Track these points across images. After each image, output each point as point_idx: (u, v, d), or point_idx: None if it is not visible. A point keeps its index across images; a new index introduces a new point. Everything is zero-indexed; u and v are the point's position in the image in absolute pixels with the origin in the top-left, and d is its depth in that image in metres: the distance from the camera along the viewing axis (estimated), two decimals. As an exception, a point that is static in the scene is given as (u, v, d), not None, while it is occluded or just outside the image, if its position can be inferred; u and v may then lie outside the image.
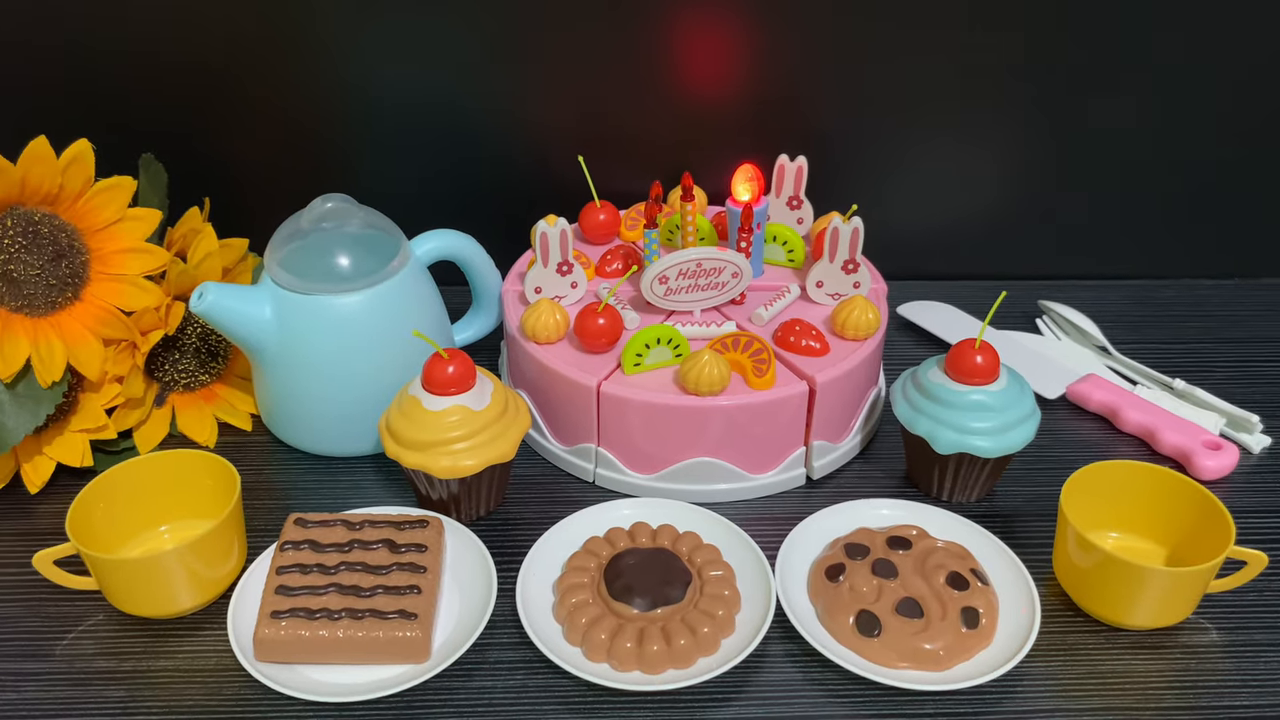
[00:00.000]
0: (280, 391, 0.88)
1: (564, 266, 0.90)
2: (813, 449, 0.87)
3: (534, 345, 0.88)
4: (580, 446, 0.87)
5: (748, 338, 0.86)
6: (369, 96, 1.02)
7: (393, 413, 0.81)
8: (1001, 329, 1.05)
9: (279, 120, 1.03)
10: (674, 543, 0.79)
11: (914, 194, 1.09)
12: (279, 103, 1.02)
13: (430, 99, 1.02)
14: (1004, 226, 1.11)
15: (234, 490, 0.77)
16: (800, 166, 0.97)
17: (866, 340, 0.88)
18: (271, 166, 1.05)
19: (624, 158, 1.05)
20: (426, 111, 1.03)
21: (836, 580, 0.76)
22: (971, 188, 1.09)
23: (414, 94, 1.02)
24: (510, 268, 0.97)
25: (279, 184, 1.05)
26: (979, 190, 1.09)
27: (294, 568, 0.74)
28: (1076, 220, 1.11)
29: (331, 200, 0.87)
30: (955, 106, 1.04)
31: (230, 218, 0.95)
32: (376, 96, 1.02)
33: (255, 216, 0.93)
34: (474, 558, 0.78)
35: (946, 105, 1.04)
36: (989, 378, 0.82)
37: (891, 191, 1.09)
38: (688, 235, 0.92)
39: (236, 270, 0.95)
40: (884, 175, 1.08)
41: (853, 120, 1.05)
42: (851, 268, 0.90)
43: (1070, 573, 0.76)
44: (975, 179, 1.09)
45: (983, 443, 0.81)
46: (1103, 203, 1.10)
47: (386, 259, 0.87)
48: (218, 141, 1.04)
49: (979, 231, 1.11)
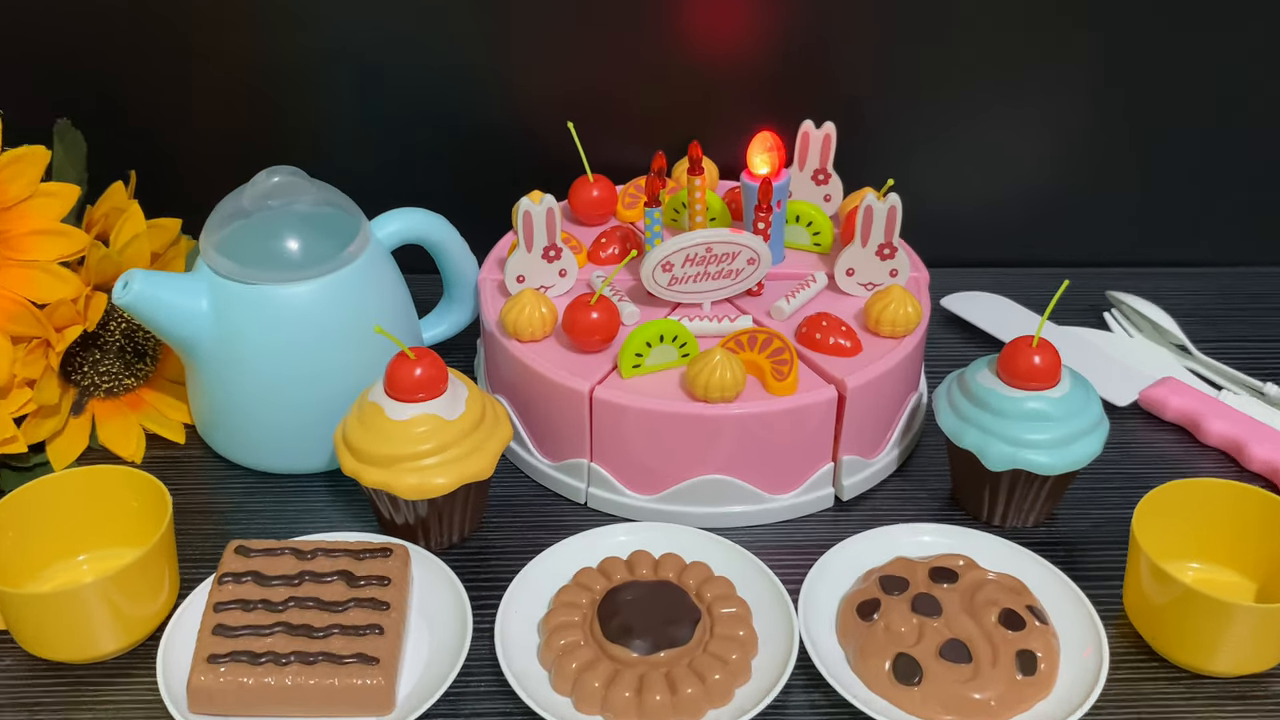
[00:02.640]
0: (219, 397, 0.88)
1: (551, 251, 0.90)
2: (842, 465, 0.87)
3: (516, 344, 0.88)
4: (570, 462, 0.87)
5: (766, 335, 0.86)
6: (324, 51, 1.02)
7: (350, 423, 0.81)
8: (1063, 324, 1.04)
9: (219, 80, 1.03)
10: (680, 575, 0.79)
11: (961, 166, 1.09)
12: (219, 59, 1.02)
13: (395, 55, 1.02)
14: (1066, 204, 1.11)
15: (164, 513, 0.77)
16: (827, 135, 0.97)
17: (905, 338, 0.88)
18: (209, 134, 1.05)
19: (621, 124, 1.05)
20: (391, 70, 1.03)
21: (870, 619, 0.76)
22: (1028, 159, 1.09)
23: (376, 49, 1.02)
24: (488, 253, 0.97)
25: (218, 155, 1.05)
26: (1037, 162, 1.09)
27: (235, 604, 0.74)
28: (1151, 198, 1.11)
29: (279, 174, 0.87)
30: (1010, 64, 1.04)
31: (161, 194, 0.95)
32: (333, 51, 1.02)
33: (190, 193, 0.92)
34: (446, 592, 0.78)
35: (1000, 63, 1.04)
36: (1048, 381, 0.82)
37: (934, 163, 1.08)
38: (696, 215, 0.92)
39: (168, 256, 0.95)
40: (925, 144, 1.08)
41: (888, 80, 1.05)
42: (888, 253, 0.90)
43: (1144, 610, 0.76)
44: (1032, 149, 1.09)
45: (1041, 458, 0.81)
46: (1181, 178, 1.10)
47: (343, 242, 0.87)
48: (146, 105, 1.03)
49: (1036, 210, 1.11)
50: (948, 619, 0.75)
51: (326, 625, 0.73)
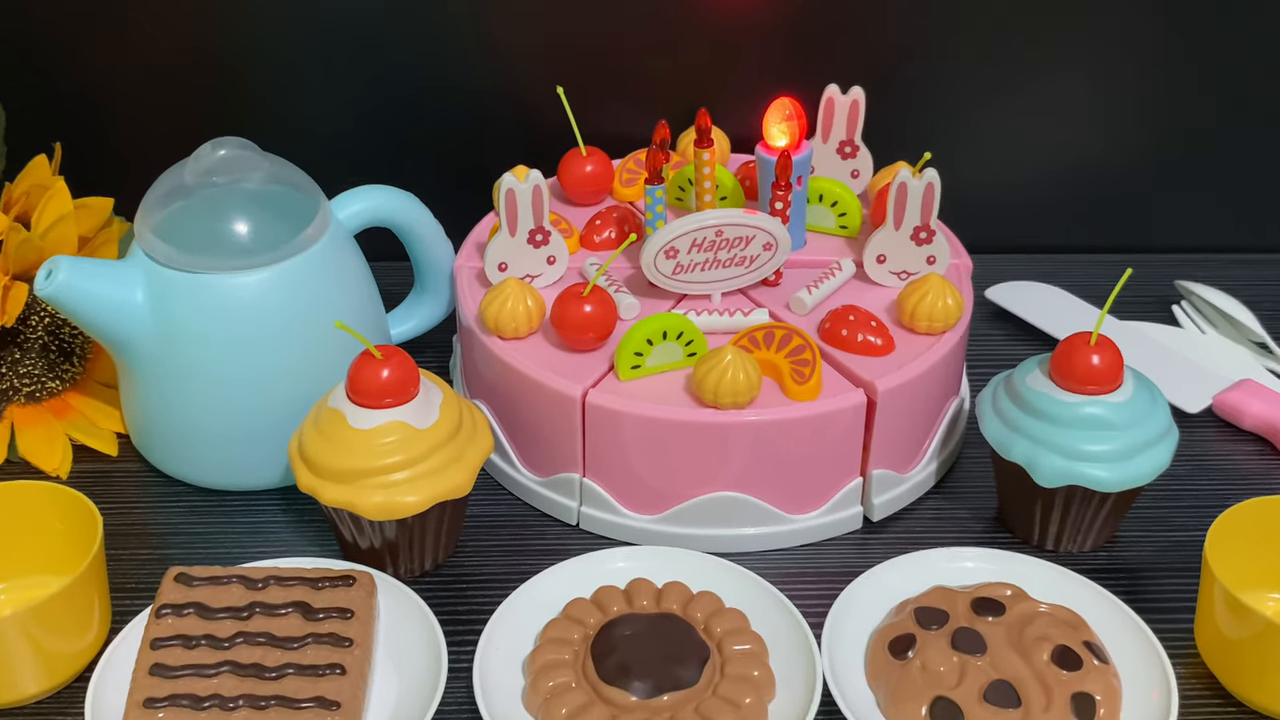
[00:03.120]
0: (156, 403, 0.88)
1: (538, 235, 0.90)
2: (872, 481, 0.87)
3: (498, 341, 0.88)
4: (560, 477, 0.88)
5: (785, 331, 0.86)
6: (277, 5, 1.02)
7: (307, 432, 0.81)
8: (1125, 319, 1.04)
9: (156, 39, 1.03)
10: (685, 606, 0.79)
11: (1010, 137, 1.09)
12: (157, 15, 1.02)
13: (359, 8, 1.02)
14: (1129, 182, 1.11)
15: (94, 536, 0.77)
16: (855, 101, 0.97)
17: (944, 334, 0.88)
18: (145, 101, 1.05)
19: (619, 89, 1.05)
20: (354, 27, 1.03)
21: (904, 656, 0.75)
22: (1085, 131, 1.09)
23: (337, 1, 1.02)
24: (465, 237, 0.97)
25: (155, 125, 1.05)
26: (1095, 134, 1.09)
27: (175, 640, 0.74)
28: (1228, 175, 1.11)
29: (225, 146, 0.86)
30: (1070, 16, 1.04)
31: (90, 170, 0.95)
32: (287, 5, 1.02)
33: (124, 168, 0.92)
34: (417, 626, 0.78)
35: (1056, 15, 1.04)
36: (1109, 384, 0.82)
37: (979, 134, 1.08)
38: (704, 193, 0.92)
39: (98, 240, 0.94)
40: (969, 112, 1.08)
41: (926, 38, 1.05)
42: (924, 237, 0.90)
43: (1218, 646, 0.76)
44: (1091, 119, 1.08)
45: (1101, 472, 0.81)
46: (1263, 152, 1.10)
47: (299, 225, 0.87)
48: (74, 68, 1.03)
49: (1096, 188, 1.11)
50: (993, 657, 0.75)
51: (280, 665, 0.73)
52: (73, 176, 0.92)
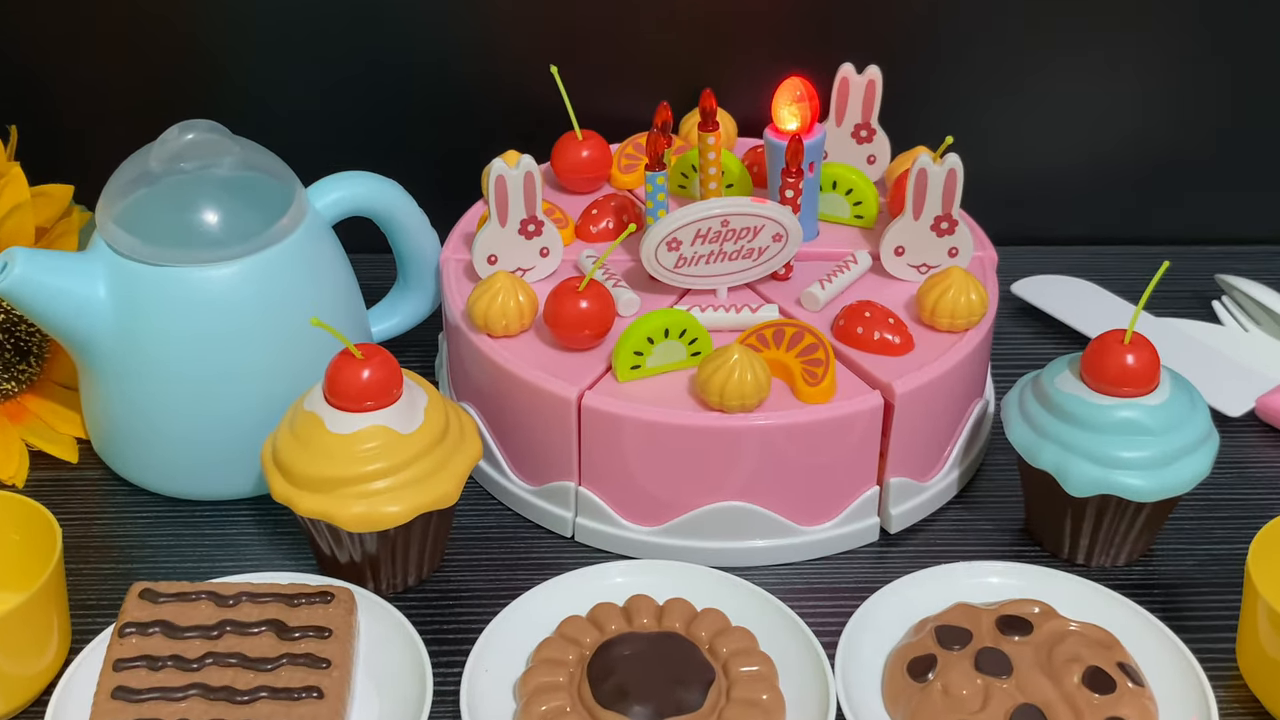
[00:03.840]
0: (119, 406, 0.88)
1: (530, 226, 0.90)
2: (889, 490, 0.87)
3: (487, 340, 0.88)
4: (554, 486, 0.88)
5: (796, 329, 0.86)
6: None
7: (282, 437, 0.81)
8: (1162, 315, 1.04)
9: (118, 10, 1.02)
10: (689, 625, 0.79)
11: (1037, 121, 1.09)
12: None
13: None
14: (1167, 167, 1.11)
15: (53, 549, 0.77)
16: (871, 81, 0.97)
17: (967, 332, 0.89)
18: (108, 82, 1.04)
19: (617, 68, 1.05)
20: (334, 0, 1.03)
21: (924, 679, 0.76)
22: (1121, 112, 1.09)
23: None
24: (452, 227, 0.97)
25: (119, 106, 1.05)
26: (1127, 116, 1.09)
27: (139, 661, 0.74)
28: (1271, 162, 1.11)
29: (194, 129, 0.87)
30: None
31: (48, 155, 0.95)
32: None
33: (85, 153, 0.93)
34: (400, 647, 0.78)
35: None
36: (1145, 386, 0.82)
37: (1004, 117, 1.08)
38: (709, 180, 0.92)
39: (56, 231, 0.94)
40: (993, 94, 1.08)
41: (949, 13, 1.05)
42: (946, 227, 0.91)
43: (1262, 668, 0.76)
44: (1122, 100, 1.08)
45: (1136, 480, 0.81)
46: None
47: (273, 214, 0.87)
48: (28, 44, 1.03)
49: (1130, 175, 1.11)
50: (1020, 680, 0.75)
51: (253, 688, 0.73)
52: (29, 162, 0.92)
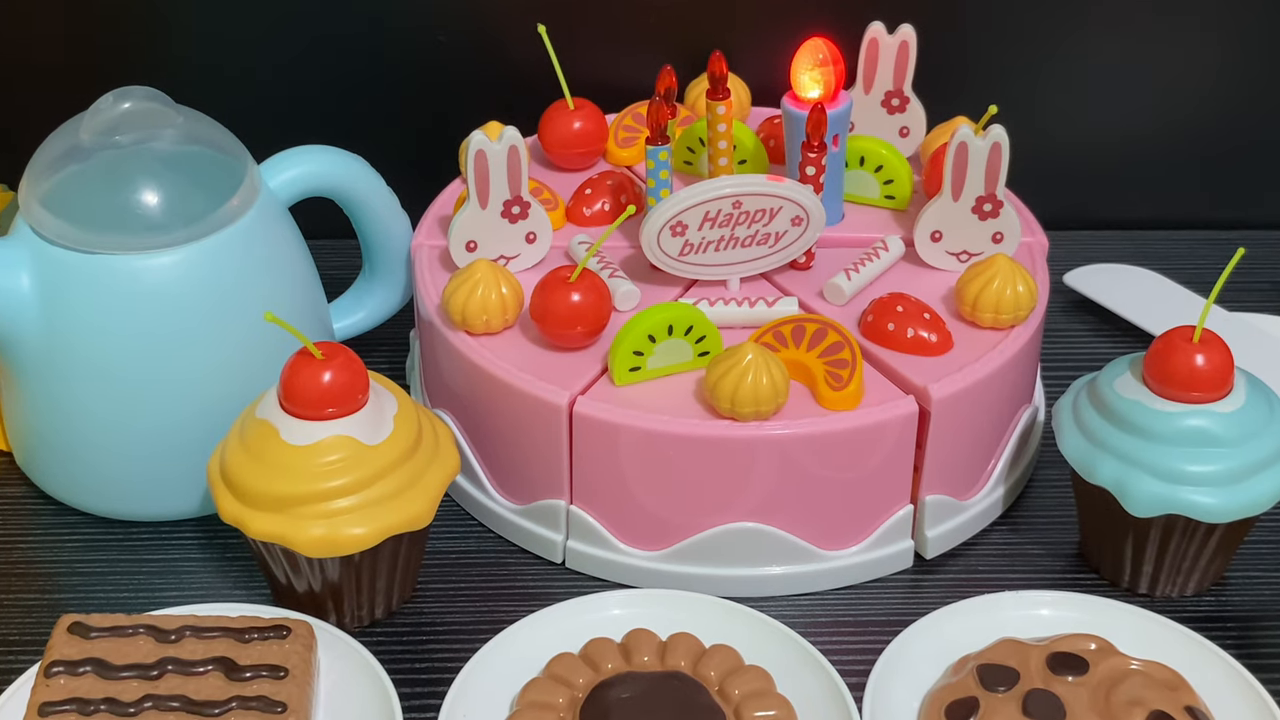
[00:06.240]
0: (46, 414, 0.89)
1: (515, 208, 0.89)
2: (925, 509, 0.87)
3: (466, 338, 0.87)
4: (542, 505, 0.87)
5: (818, 326, 0.84)
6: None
7: (231, 449, 0.80)
8: (1236, 310, 1.03)
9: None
10: (695, 664, 0.77)
11: (1093, 89, 1.09)
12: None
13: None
14: (1240, 143, 1.11)
15: (-35, 578, 0.75)
16: (904, 42, 0.97)
17: (1013, 329, 0.88)
18: (33, 43, 1.05)
19: (614, 29, 1.05)
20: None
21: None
22: (1189, 80, 1.10)
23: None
24: (426, 209, 0.97)
25: (45, 71, 1.05)
26: (1194, 87, 1.10)
27: (68, 705, 0.71)
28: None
29: (130, 98, 0.86)
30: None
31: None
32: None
33: (5, 125, 0.95)
34: (366, 687, 0.77)
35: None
36: (1217, 390, 0.81)
37: (1055, 85, 1.09)
38: (718, 155, 0.91)
39: (-23, 214, 0.93)
40: (1044, 59, 1.08)
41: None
42: (989, 210, 0.90)
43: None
44: (1189, 68, 1.09)
45: (1206, 498, 0.80)
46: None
47: (222, 195, 0.87)
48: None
49: (1198, 151, 1.11)
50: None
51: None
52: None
